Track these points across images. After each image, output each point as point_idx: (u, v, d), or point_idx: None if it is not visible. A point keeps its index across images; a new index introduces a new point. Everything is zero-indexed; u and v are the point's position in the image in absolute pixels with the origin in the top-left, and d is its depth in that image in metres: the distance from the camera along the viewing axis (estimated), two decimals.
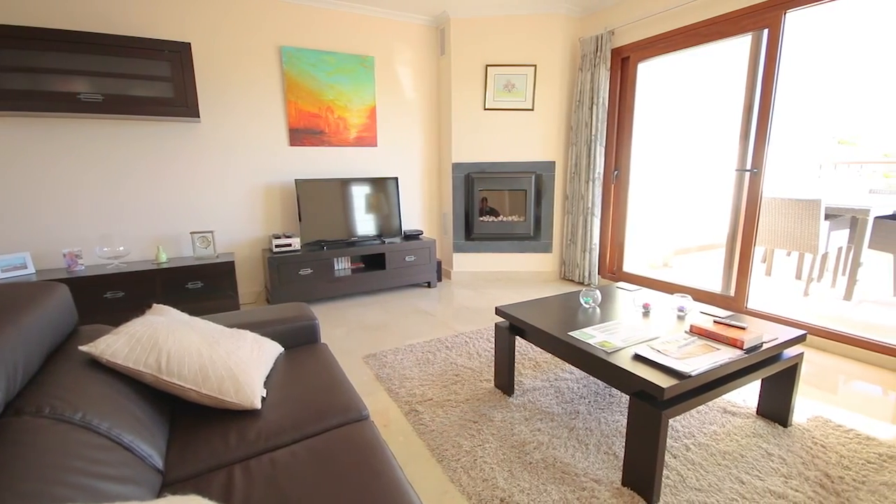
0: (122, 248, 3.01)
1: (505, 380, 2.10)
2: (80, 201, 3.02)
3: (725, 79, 3.54)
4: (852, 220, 3.49)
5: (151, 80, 2.89)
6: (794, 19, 2.67)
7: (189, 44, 2.94)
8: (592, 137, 3.78)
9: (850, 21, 4.10)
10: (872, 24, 4.11)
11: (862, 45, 4.33)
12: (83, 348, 1.11)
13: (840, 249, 3.74)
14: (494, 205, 4.28)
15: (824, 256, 3.77)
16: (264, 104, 3.51)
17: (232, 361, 1.24)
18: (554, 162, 4.10)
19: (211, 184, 3.41)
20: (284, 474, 0.98)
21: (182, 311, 1.59)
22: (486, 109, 4.00)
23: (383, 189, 3.88)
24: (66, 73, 2.68)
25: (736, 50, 3.00)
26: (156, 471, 1.00)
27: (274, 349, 1.50)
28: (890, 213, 3.45)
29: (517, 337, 2.08)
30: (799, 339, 1.73)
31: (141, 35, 3.02)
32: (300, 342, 1.71)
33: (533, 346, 2.64)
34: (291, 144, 3.64)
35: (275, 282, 3.34)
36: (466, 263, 4.31)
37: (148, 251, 3.27)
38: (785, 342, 1.68)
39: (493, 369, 2.36)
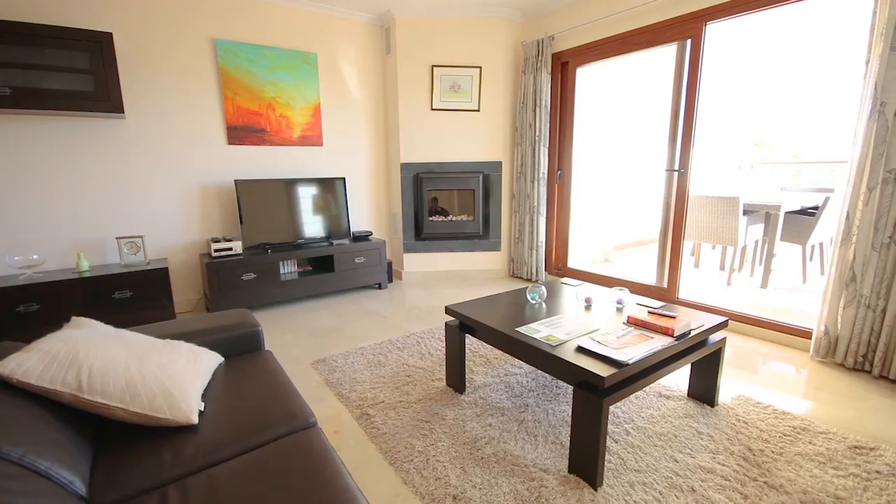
0: (36, 256, 2.73)
1: (456, 378, 2.12)
2: None
3: (657, 85, 3.78)
4: (766, 216, 3.85)
5: (68, 72, 2.65)
6: (714, 31, 2.90)
7: (110, 34, 2.72)
8: (536, 138, 3.90)
9: (764, 34, 4.52)
10: (783, 37, 4.55)
11: (774, 56, 4.79)
12: None
13: (756, 242, 4.11)
14: (443, 204, 4.31)
15: (743, 249, 4.13)
16: (198, 100, 3.31)
17: (165, 375, 1.17)
18: (500, 162, 4.19)
19: (139, 185, 3.18)
20: (225, 491, 0.94)
21: (108, 323, 1.47)
22: (433, 110, 4.01)
23: (330, 189, 3.79)
24: None
25: (665, 58, 3.21)
26: (78, 498, 0.92)
27: (212, 360, 1.42)
28: (798, 208, 3.84)
29: (467, 335, 2.11)
30: (722, 326, 1.89)
31: (56, 23, 2.75)
32: (242, 351, 1.63)
33: (483, 343, 2.69)
34: (230, 143, 3.47)
35: (214, 288, 3.17)
36: (417, 263, 4.30)
37: (67, 259, 2.99)
38: (710, 328, 1.83)
39: (444, 368, 2.38)
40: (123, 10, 2.97)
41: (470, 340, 2.74)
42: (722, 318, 1.91)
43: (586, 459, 1.49)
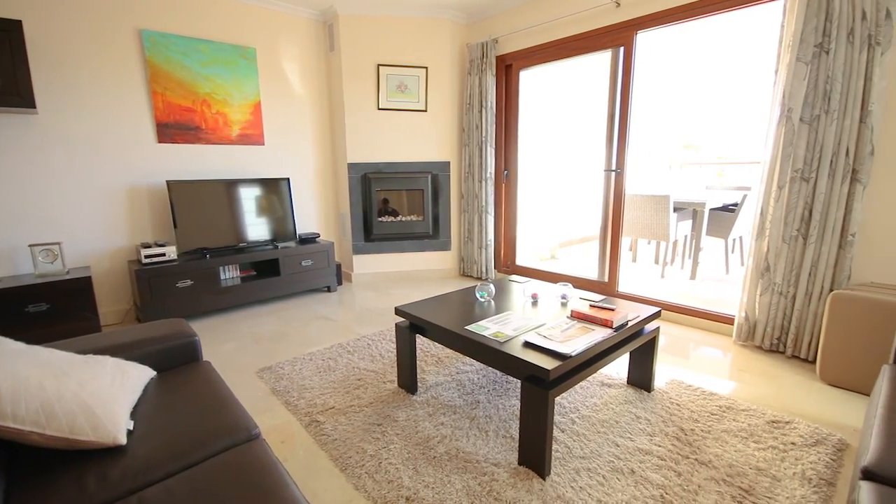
0: None
1: (408, 379, 2.11)
2: None
3: (595, 89, 3.97)
4: (693, 212, 4.15)
5: None
6: (644, 39, 3.09)
7: (20, 21, 2.46)
8: (483, 139, 3.97)
9: (691, 44, 4.87)
10: (708, 46, 4.92)
11: (701, 64, 5.17)
12: None
13: (686, 237, 4.42)
14: (393, 205, 4.28)
15: (675, 243, 4.43)
16: (123, 95, 3.07)
17: (86, 393, 1.07)
18: (449, 162, 4.22)
19: (56, 186, 2.90)
20: None
21: (21, 339, 1.33)
22: (380, 109, 3.97)
23: (274, 190, 3.65)
24: None
25: (602, 63, 3.38)
26: None
27: (142, 374, 1.33)
28: (720, 205, 4.17)
29: (418, 335, 2.11)
30: (655, 316, 2.01)
31: None
32: (177, 363, 1.53)
33: (434, 342, 2.70)
34: (160, 141, 3.24)
35: (146, 297, 2.95)
36: (367, 265, 4.24)
37: None
38: (645, 319, 1.94)
39: (396, 370, 2.36)
40: None
41: (421, 340, 2.74)
42: (655, 309, 2.04)
43: (534, 450, 1.54)
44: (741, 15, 2.67)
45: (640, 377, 2.12)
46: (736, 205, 4.07)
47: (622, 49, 3.11)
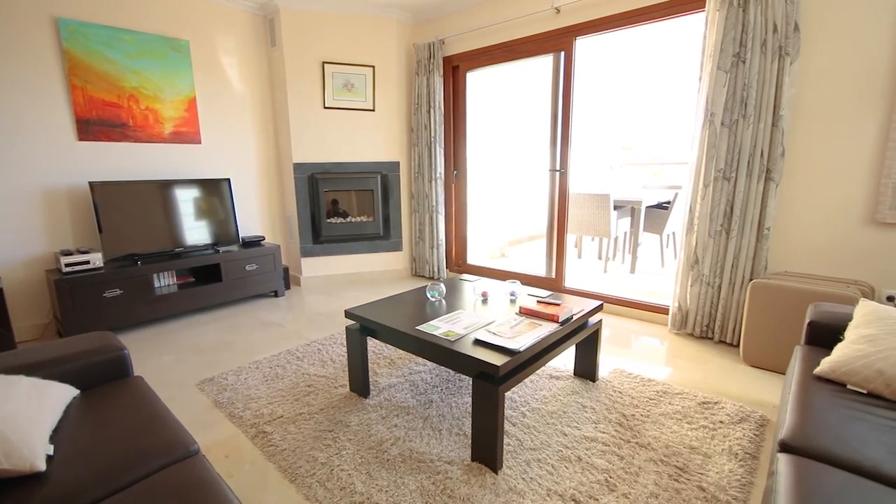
0: None
1: (360, 382, 2.08)
2: None
3: (540, 91, 4.09)
4: (632, 210, 4.39)
5: None
6: (583, 45, 3.22)
7: None
8: (432, 139, 3.98)
9: (629, 50, 5.13)
10: (644, 53, 5.21)
11: (637, 69, 5.46)
12: None
13: (625, 233, 4.67)
14: (343, 206, 4.19)
15: (616, 239, 4.67)
16: (37, 89, 2.79)
17: None
18: (398, 162, 4.20)
19: None
20: None
21: None
22: (326, 108, 3.87)
23: (214, 192, 3.45)
24: None
25: (545, 67, 3.49)
26: None
27: (63, 393, 1.21)
28: (655, 203, 4.44)
29: (370, 337, 2.08)
30: (598, 309, 2.11)
31: None
32: (104, 380, 1.42)
33: (386, 344, 2.67)
34: (81, 139, 2.98)
35: (68, 309, 2.70)
36: (317, 267, 4.13)
37: None
38: (588, 312, 2.03)
39: (347, 374, 2.32)
40: None
41: (373, 343, 2.71)
42: (598, 303, 2.14)
43: (486, 446, 1.57)
44: (669, 25, 2.85)
45: (586, 368, 2.21)
46: (669, 202, 4.35)
47: (563, 53, 3.23)
